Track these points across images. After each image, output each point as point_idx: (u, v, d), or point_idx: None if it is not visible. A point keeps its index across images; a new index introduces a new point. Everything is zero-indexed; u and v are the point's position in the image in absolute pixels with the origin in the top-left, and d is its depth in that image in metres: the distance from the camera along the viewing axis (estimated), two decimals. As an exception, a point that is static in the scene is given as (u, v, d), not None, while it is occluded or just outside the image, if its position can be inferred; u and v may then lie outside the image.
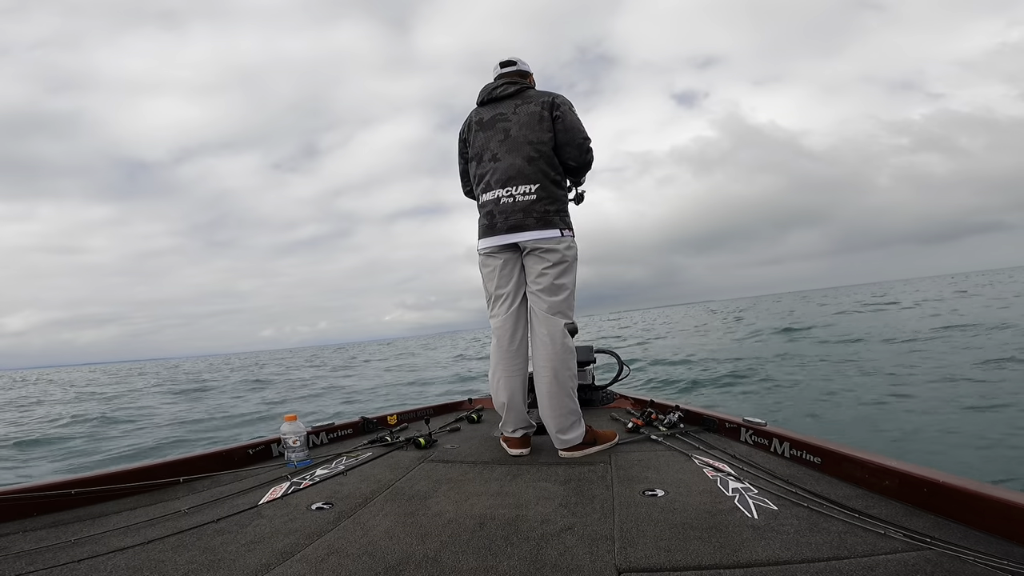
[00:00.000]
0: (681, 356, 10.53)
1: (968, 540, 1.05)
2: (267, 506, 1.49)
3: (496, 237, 1.97)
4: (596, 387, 2.91)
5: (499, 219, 1.95)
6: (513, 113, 1.98)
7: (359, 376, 14.65)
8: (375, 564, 1.09)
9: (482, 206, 2.02)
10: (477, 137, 2.03)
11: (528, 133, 1.95)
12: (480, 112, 2.06)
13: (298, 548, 1.19)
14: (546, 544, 1.16)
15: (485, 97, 2.06)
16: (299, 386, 12.81)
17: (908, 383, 5.49)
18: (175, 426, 7.39)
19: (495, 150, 1.98)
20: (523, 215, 1.92)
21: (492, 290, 2.04)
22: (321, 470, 1.84)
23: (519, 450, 1.99)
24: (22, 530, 1.32)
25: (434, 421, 2.60)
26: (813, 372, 7.02)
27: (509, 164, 1.94)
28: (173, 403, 10.91)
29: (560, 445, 1.92)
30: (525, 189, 1.92)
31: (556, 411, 1.90)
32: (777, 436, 1.76)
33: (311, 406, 8.68)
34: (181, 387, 15.44)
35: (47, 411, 10.82)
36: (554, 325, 1.93)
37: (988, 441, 3.38)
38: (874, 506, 1.26)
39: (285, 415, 1.99)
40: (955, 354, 7.04)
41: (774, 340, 12.05)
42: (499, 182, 1.94)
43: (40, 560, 1.14)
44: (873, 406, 4.72)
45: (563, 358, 1.92)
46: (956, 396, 4.68)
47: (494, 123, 2.00)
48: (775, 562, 1.02)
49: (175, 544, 1.23)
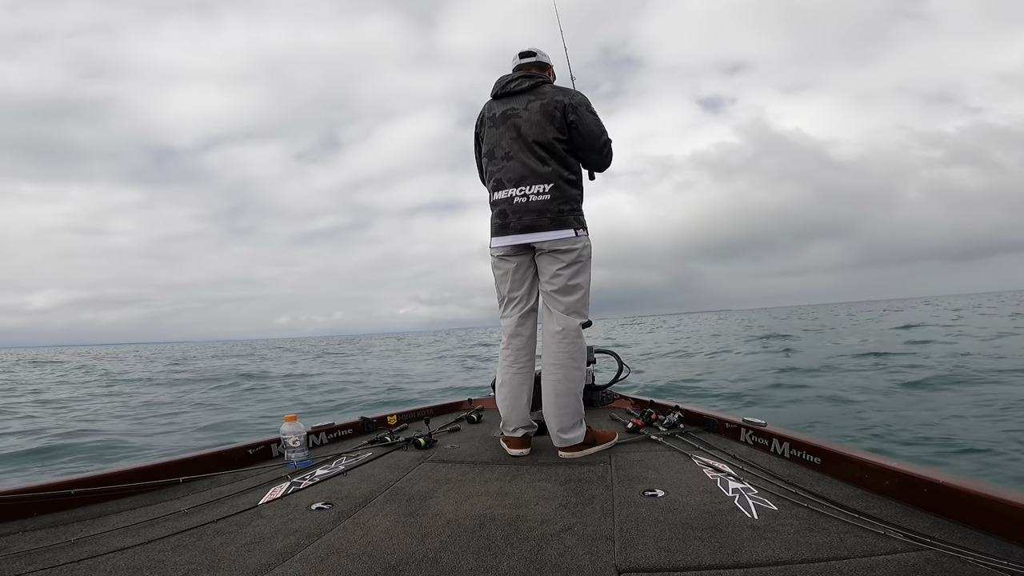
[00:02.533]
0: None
1: (968, 540, 1.05)
2: (267, 506, 1.49)
3: (510, 237, 1.92)
4: (596, 387, 2.91)
5: (512, 219, 1.90)
6: (525, 110, 1.91)
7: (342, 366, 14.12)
8: (375, 564, 1.09)
9: (494, 204, 1.97)
10: (490, 133, 1.98)
11: (540, 133, 1.89)
12: (493, 107, 1.99)
13: (298, 548, 1.19)
14: (546, 544, 1.16)
15: (499, 90, 1.99)
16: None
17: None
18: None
19: (507, 148, 1.92)
20: (537, 215, 1.87)
21: (505, 292, 2.02)
22: (321, 470, 1.84)
23: (520, 450, 1.97)
24: (22, 530, 1.32)
25: (434, 421, 2.60)
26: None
27: (522, 163, 1.89)
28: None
29: (561, 444, 1.91)
30: (539, 189, 1.87)
31: (562, 410, 1.88)
32: (777, 436, 1.77)
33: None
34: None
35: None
36: (569, 324, 1.92)
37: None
38: (874, 506, 1.26)
39: (285, 415, 1.98)
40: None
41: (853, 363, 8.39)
42: (512, 181, 1.89)
43: (40, 560, 1.14)
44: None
45: (576, 358, 1.91)
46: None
47: (506, 119, 1.93)
48: (775, 562, 1.02)
49: (175, 544, 1.23)
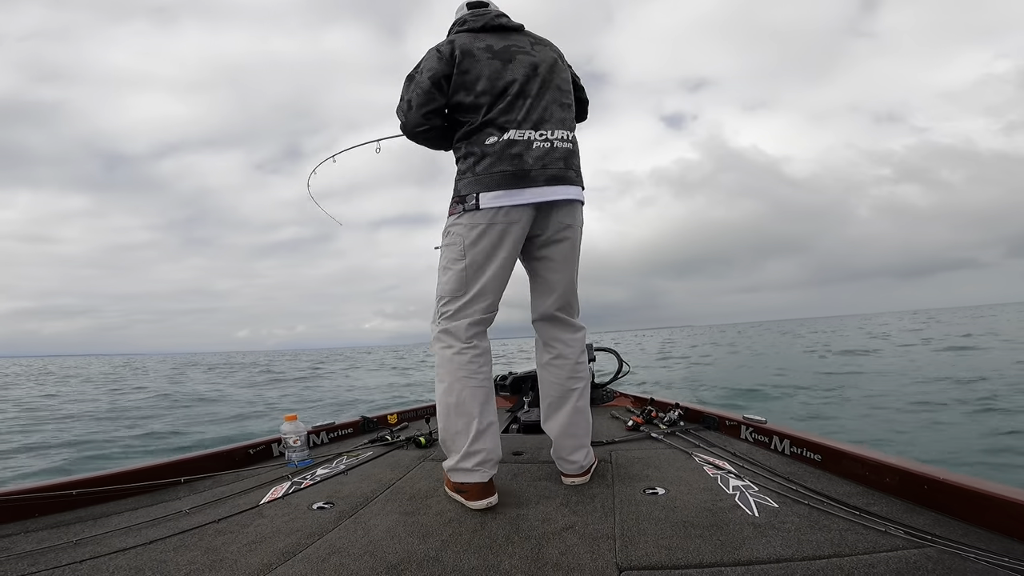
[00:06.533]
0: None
1: (969, 537, 1.05)
2: (268, 506, 1.49)
3: (532, 191, 1.43)
4: (596, 385, 2.91)
5: (535, 165, 1.43)
6: (532, 49, 1.54)
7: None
8: (376, 564, 1.10)
9: (500, 147, 1.44)
10: (488, 66, 1.47)
11: (559, 75, 1.57)
12: (483, 38, 1.51)
13: (299, 548, 1.19)
14: (547, 543, 1.16)
15: (488, 23, 1.55)
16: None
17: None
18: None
19: (522, 84, 1.48)
20: (564, 165, 1.48)
21: (493, 265, 1.46)
22: (322, 470, 1.84)
23: (487, 500, 1.39)
24: (24, 531, 1.32)
25: (434, 420, 2.60)
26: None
27: (544, 103, 1.50)
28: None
29: (575, 471, 1.58)
30: (562, 135, 1.49)
31: (585, 428, 1.60)
32: (777, 434, 1.77)
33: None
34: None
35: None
36: (577, 315, 1.62)
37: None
38: (875, 503, 1.27)
39: (285, 415, 1.99)
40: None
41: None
42: (530, 122, 1.46)
43: (42, 561, 1.14)
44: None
45: (585, 358, 1.63)
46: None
47: (512, 54, 1.50)
48: (776, 560, 1.03)
49: (176, 544, 1.23)
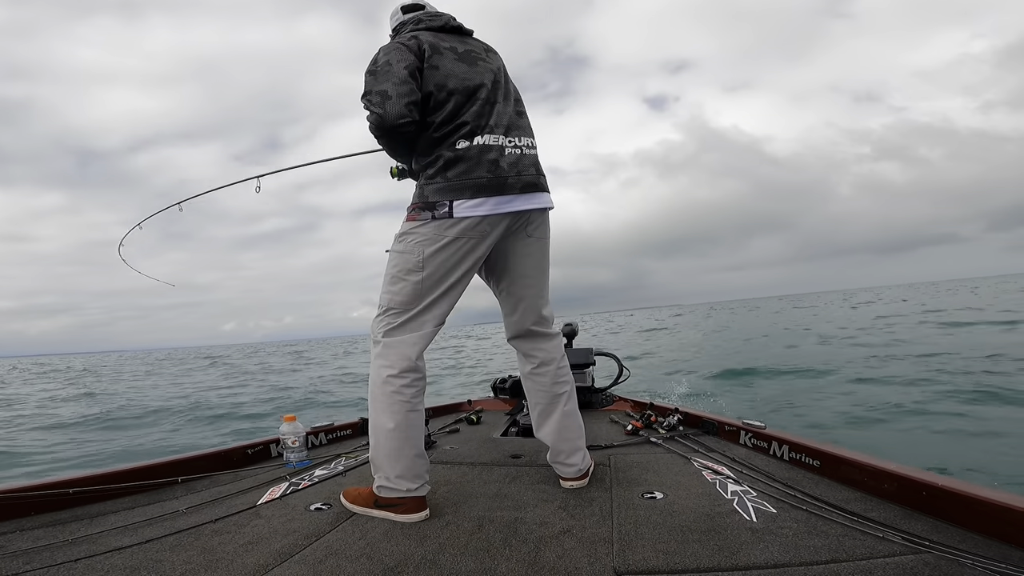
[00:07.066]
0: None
1: (966, 543, 1.05)
2: (265, 506, 1.49)
3: (508, 198, 1.38)
4: (596, 389, 2.91)
5: (509, 171, 1.38)
6: (486, 56, 1.51)
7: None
8: (373, 566, 1.09)
9: (473, 153, 1.37)
10: (455, 66, 1.41)
11: (511, 85, 1.54)
12: (445, 39, 1.46)
13: (296, 549, 1.19)
14: (544, 546, 1.16)
15: (447, 23, 1.50)
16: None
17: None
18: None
19: (491, 89, 1.44)
20: (535, 172, 1.46)
21: (452, 280, 1.39)
22: (320, 471, 1.83)
23: (422, 513, 1.35)
24: (19, 529, 1.32)
25: (433, 422, 2.60)
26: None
27: (509, 110, 1.47)
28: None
29: (573, 474, 1.58)
30: (528, 142, 1.47)
31: (578, 430, 1.61)
32: (776, 439, 1.77)
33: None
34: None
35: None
36: (552, 323, 1.63)
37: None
38: (873, 509, 1.26)
39: (284, 415, 1.98)
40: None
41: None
42: (501, 127, 1.42)
43: (37, 559, 1.14)
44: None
45: (567, 362, 1.64)
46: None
47: (473, 59, 1.46)
48: (773, 565, 1.02)
49: (173, 544, 1.23)
